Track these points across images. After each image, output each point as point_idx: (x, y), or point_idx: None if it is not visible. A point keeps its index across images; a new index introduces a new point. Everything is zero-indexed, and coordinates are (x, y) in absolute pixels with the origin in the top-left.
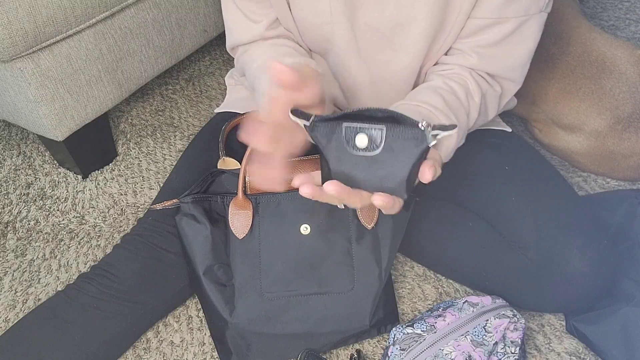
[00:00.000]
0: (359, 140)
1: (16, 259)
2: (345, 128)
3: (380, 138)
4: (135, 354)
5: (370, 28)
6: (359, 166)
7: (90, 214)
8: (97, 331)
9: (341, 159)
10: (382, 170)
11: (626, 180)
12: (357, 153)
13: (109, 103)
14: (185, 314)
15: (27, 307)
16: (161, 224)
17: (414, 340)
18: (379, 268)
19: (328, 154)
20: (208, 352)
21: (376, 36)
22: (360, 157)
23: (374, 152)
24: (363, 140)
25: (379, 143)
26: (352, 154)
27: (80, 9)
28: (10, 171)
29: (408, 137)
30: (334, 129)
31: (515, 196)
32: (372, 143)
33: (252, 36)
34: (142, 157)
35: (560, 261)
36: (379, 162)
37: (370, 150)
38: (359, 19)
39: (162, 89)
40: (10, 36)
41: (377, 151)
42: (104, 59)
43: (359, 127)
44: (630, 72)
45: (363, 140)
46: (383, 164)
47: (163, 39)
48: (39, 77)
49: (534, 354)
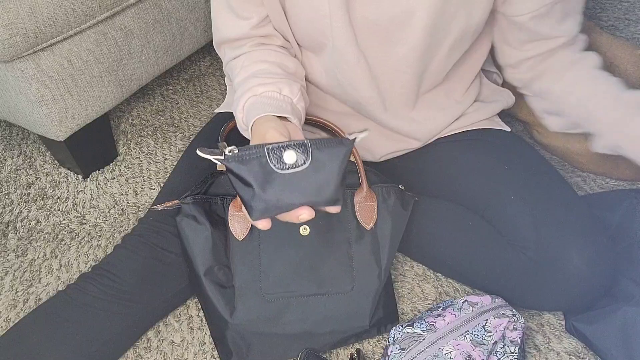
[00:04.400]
0: (287, 157)
1: (17, 259)
2: (269, 150)
3: (306, 151)
4: (136, 354)
5: (368, 21)
6: (290, 185)
7: (90, 214)
8: (98, 331)
9: (268, 183)
10: (315, 182)
11: (626, 180)
12: (287, 171)
13: (109, 103)
14: (185, 313)
15: (27, 307)
16: (162, 224)
17: (413, 340)
18: (378, 268)
19: (252, 182)
20: (208, 351)
21: (374, 29)
22: (289, 175)
23: (303, 166)
24: (291, 155)
25: (307, 155)
26: (281, 174)
27: (81, 9)
28: (11, 171)
29: (333, 144)
30: (255, 156)
31: (515, 196)
32: (300, 157)
33: (240, 34)
34: (143, 157)
35: (559, 260)
36: (309, 175)
37: (300, 165)
38: (357, 12)
39: (162, 89)
40: (11, 36)
41: (306, 164)
42: (104, 59)
43: (284, 145)
44: (630, 72)
45: (291, 155)
46: (314, 175)
47: (164, 40)
48: (39, 78)
49: (533, 354)
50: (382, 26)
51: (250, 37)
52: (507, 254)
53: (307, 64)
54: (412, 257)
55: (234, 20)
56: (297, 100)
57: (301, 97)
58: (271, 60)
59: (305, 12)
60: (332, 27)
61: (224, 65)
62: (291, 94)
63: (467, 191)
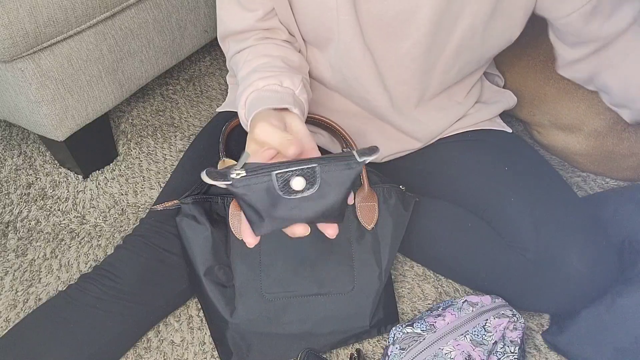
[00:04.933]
0: (295, 184)
1: (17, 259)
2: (277, 175)
3: (314, 176)
4: (136, 354)
5: (373, 16)
6: (297, 208)
7: (91, 214)
8: (99, 331)
9: (274, 206)
10: (322, 205)
11: (625, 180)
12: (294, 197)
13: (109, 103)
14: (185, 313)
15: (28, 307)
16: (163, 225)
17: (413, 340)
18: (379, 268)
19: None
20: (208, 351)
21: (378, 24)
22: (296, 200)
23: (310, 192)
24: (300, 183)
25: (315, 181)
26: (288, 199)
27: (81, 9)
28: (11, 171)
29: (341, 167)
30: (263, 181)
31: (515, 196)
32: (308, 183)
33: (245, 26)
34: (143, 157)
35: (559, 261)
36: (316, 198)
37: (307, 190)
38: (362, 6)
39: (162, 89)
40: (11, 36)
41: (313, 190)
42: (104, 59)
43: (293, 170)
44: None
45: (300, 183)
46: (321, 199)
47: (164, 40)
48: (39, 78)
49: (533, 354)
50: (387, 21)
51: (255, 30)
52: (507, 255)
53: (312, 59)
54: (412, 257)
55: (239, 12)
56: (299, 91)
57: (303, 88)
58: (275, 54)
59: (311, 6)
60: (338, 22)
61: (227, 59)
62: (292, 86)
63: (467, 191)
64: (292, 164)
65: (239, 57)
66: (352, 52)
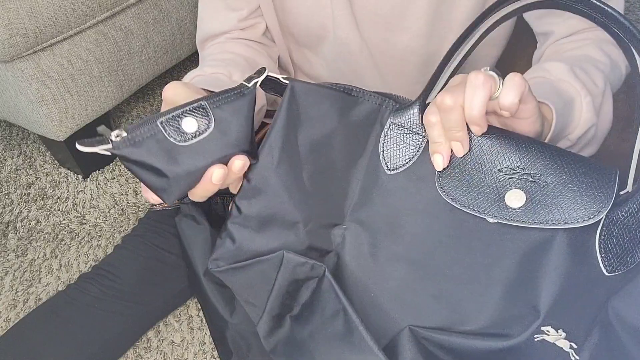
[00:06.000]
0: (186, 126)
1: (17, 259)
2: (163, 123)
3: (206, 113)
4: (136, 354)
5: (368, 11)
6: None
7: (90, 214)
8: (98, 331)
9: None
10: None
11: None
12: (190, 142)
13: (109, 103)
14: (185, 313)
15: (27, 307)
16: (162, 225)
17: None
18: None
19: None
20: (208, 351)
21: (374, 19)
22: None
23: (207, 132)
24: (191, 123)
25: (209, 118)
26: (185, 146)
27: (81, 9)
28: (11, 171)
29: (232, 97)
30: (149, 134)
31: None
32: (201, 122)
33: (228, 26)
34: None
35: None
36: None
37: (203, 132)
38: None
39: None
40: (11, 36)
41: (210, 128)
42: (104, 59)
43: (179, 113)
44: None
45: (191, 123)
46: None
47: (163, 39)
48: (39, 78)
49: None
50: (383, 15)
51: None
52: None
53: (306, 61)
54: None
55: (223, 11)
56: None
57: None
58: (240, 52)
59: (305, 4)
60: (333, 17)
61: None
62: None
63: None
64: (178, 107)
65: (207, 52)
66: (349, 46)
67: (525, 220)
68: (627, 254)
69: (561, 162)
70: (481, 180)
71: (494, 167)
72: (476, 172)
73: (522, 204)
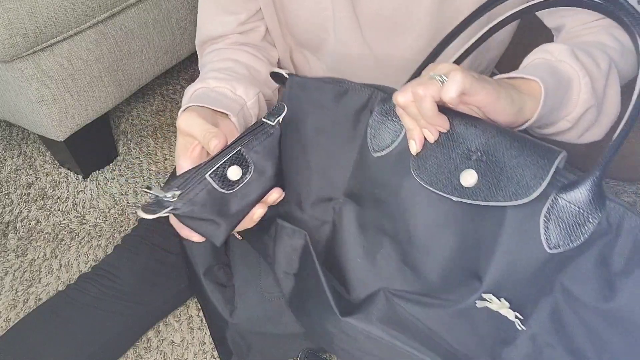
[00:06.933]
0: (232, 174)
1: (17, 259)
2: (212, 176)
3: (244, 159)
4: (136, 354)
5: (371, 12)
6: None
7: (90, 214)
8: (98, 331)
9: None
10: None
11: (626, 181)
12: (236, 189)
13: (109, 103)
14: (185, 313)
15: (27, 307)
16: (162, 225)
17: None
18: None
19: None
20: (208, 351)
21: (377, 20)
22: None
23: (248, 176)
24: (236, 171)
25: (248, 163)
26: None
27: (81, 9)
28: (11, 171)
29: (262, 138)
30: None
31: None
32: (243, 168)
33: (226, 30)
34: (143, 157)
35: None
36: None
37: (245, 177)
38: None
39: (162, 89)
40: (11, 36)
41: (251, 172)
42: (104, 59)
43: (223, 164)
44: None
45: (236, 171)
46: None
47: (163, 39)
48: (39, 78)
49: None
50: (386, 17)
51: (233, 34)
52: None
53: (304, 62)
54: None
55: (221, 15)
56: (252, 104)
57: (256, 102)
58: (241, 60)
59: (305, 7)
60: (334, 19)
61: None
62: (245, 96)
63: None
64: (217, 158)
65: (207, 59)
66: (350, 49)
67: (476, 198)
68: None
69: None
70: (445, 162)
71: (456, 150)
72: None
73: (474, 183)
